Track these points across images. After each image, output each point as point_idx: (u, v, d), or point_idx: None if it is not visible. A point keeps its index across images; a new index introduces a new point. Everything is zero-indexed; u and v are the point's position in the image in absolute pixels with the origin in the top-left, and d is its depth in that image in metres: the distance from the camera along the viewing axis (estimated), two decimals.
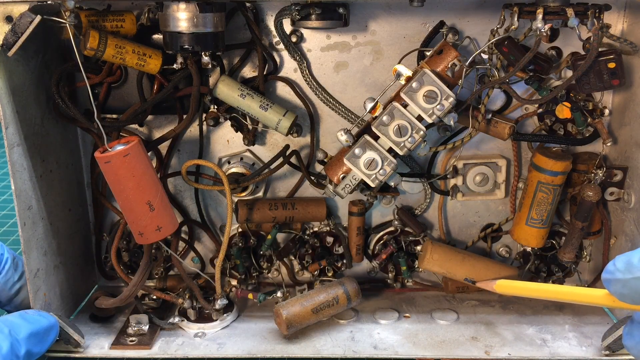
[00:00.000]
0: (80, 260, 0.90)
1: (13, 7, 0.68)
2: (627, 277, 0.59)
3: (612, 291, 0.61)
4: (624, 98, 0.83)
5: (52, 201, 0.81)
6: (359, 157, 0.75)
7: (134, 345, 0.80)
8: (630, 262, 0.59)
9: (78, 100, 0.86)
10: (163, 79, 0.81)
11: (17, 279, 0.79)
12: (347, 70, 0.86)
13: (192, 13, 0.73)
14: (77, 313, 0.88)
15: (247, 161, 0.90)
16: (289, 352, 0.79)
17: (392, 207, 0.92)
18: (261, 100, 0.83)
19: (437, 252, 0.87)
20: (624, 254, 0.60)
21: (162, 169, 0.89)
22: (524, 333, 0.83)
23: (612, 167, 0.84)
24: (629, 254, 0.60)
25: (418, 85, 0.74)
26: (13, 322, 0.69)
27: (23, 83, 0.75)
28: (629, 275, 0.59)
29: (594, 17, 0.73)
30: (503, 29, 0.77)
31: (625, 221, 0.85)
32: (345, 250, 0.92)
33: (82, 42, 0.75)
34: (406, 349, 0.79)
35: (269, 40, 0.85)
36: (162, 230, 0.76)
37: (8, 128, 0.71)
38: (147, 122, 0.88)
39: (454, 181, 0.90)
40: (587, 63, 0.74)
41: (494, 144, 0.90)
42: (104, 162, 0.71)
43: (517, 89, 0.82)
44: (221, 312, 0.85)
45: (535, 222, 0.85)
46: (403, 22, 0.84)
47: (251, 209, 0.88)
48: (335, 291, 0.83)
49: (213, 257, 0.94)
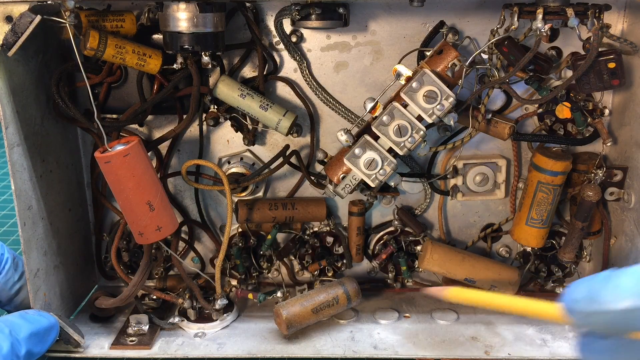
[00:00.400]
0: (80, 260, 0.90)
1: (13, 7, 0.68)
2: (589, 308, 0.53)
3: (572, 321, 0.55)
4: (624, 98, 0.83)
5: (52, 201, 0.81)
6: (359, 157, 0.75)
7: (134, 345, 0.80)
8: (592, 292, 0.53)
9: (78, 100, 0.86)
10: (163, 79, 0.81)
11: (17, 278, 0.79)
12: (347, 70, 0.86)
13: (192, 13, 0.73)
14: (77, 313, 0.88)
15: (247, 161, 0.90)
16: (289, 352, 0.79)
17: (392, 207, 0.92)
18: (261, 100, 0.83)
19: (437, 252, 0.87)
20: (585, 281, 0.54)
21: (162, 169, 0.89)
22: (524, 333, 0.83)
23: (612, 167, 0.85)
24: (590, 281, 0.54)
25: (418, 85, 0.74)
26: (13, 322, 0.69)
27: (23, 83, 0.75)
28: (591, 308, 0.53)
29: (594, 17, 0.73)
30: (503, 29, 0.77)
31: (625, 221, 0.85)
32: (345, 250, 0.92)
33: (82, 42, 0.75)
34: (406, 349, 0.79)
35: (269, 40, 0.85)
36: (162, 230, 0.76)
37: (8, 128, 0.71)
38: (147, 122, 0.88)
39: (454, 181, 0.90)
40: (587, 63, 0.74)
41: (494, 144, 0.90)
42: (104, 162, 0.71)
43: (517, 89, 0.82)
44: (221, 312, 0.85)
45: (535, 222, 0.85)
46: (403, 22, 0.84)
47: (251, 209, 0.88)
48: (335, 291, 0.83)
49: (213, 257, 0.94)
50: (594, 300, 0.53)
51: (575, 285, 0.55)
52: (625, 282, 0.52)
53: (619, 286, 0.52)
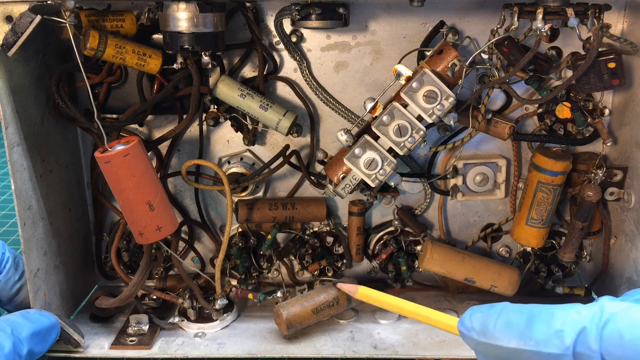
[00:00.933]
0: (80, 260, 0.90)
1: (13, 7, 0.68)
2: (481, 340, 0.55)
3: (467, 343, 0.58)
4: (624, 98, 0.83)
5: (52, 201, 0.81)
6: (359, 157, 0.75)
7: (134, 345, 0.80)
8: (486, 325, 0.55)
9: (78, 100, 0.86)
10: (163, 79, 0.81)
11: (18, 278, 0.79)
12: (347, 70, 0.86)
13: (192, 13, 0.73)
14: (77, 313, 0.88)
15: (247, 161, 0.90)
16: (289, 352, 0.79)
17: (392, 207, 0.92)
18: (261, 100, 0.83)
19: (437, 252, 0.87)
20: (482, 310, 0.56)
21: (162, 169, 0.89)
22: None
23: (612, 167, 0.84)
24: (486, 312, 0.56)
25: (418, 85, 0.74)
26: (15, 322, 0.69)
27: (23, 83, 0.75)
28: (483, 339, 0.55)
29: (594, 17, 0.73)
30: (503, 29, 0.77)
31: (625, 221, 0.85)
32: (345, 250, 0.92)
33: (82, 42, 0.75)
34: (406, 349, 0.79)
35: (269, 40, 0.85)
36: (162, 230, 0.76)
37: (8, 128, 0.71)
38: (147, 122, 0.88)
39: (454, 181, 0.90)
40: (587, 63, 0.74)
41: (494, 144, 0.90)
42: (104, 162, 0.71)
43: (517, 89, 0.82)
44: (221, 312, 0.85)
45: (535, 222, 0.85)
46: (403, 22, 0.84)
47: (251, 209, 0.88)
48: (335, 291, 0.83)
49: (213, 257, 0.94)
50: (485, 333, 0.55)
51: (471, 312, 0.57)
52: (517, 320, 0.54)
53: (510, 324, 0.54)
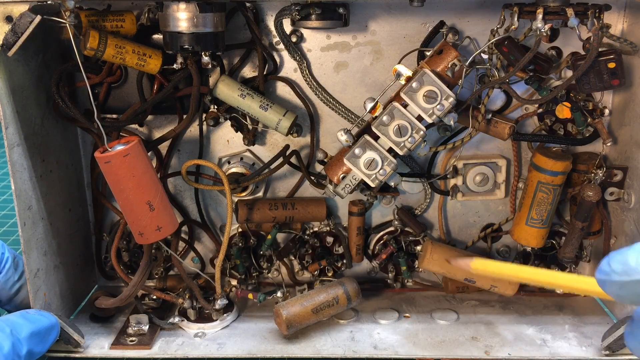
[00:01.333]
0: (80, 260, 0.90)
1: (13, 7, 0.68)
2: (624, 279, 0.53)
3: (607, 292, 0.56)
4: (624, 98, 0.83)
5: (52, 201, 0.81)
6: (359, 157, 0.75)
7: (134, 345, 0.80)
8: (626, 263, 0.53)
9: (78, 100, 0.86)
10: (163, 79, 0.81)
11: (18, 278, 0.79)
12: (347, 70, 0.86)
13: (192, 13, 0.73)
14: (77, 313, 0.88)
15: (247, 161, 0.90)
16: (289, 352, 0.79)
17: (392, 207, 0.92)
18: (261, 100, 0.83)
19: (437, 252, 0.87)
20: (619, 253, 0.55)
21: (162, 169, 0.89)
22: (524, 333, 0.83)
23: (612, 167, 0.84)
24: (624, 253, 0.54)
25: (418, 85, 0.74)
26: (14, 322, 0.69)
27: (23, 83, 0.75)
28: (626, 278, 0.53)
29: (594, 17, 0.73)
30: (503, 29, 0.77)
31: (625, 221, 0.85)
32: (345, 250, 0.92)
33: (82, 42, 0.75)
34: (406, 349, 0.79)
35: (269, 40, 0.85)
36: (162, 230, 0.76)
37: (8, 128, 0.71)
38: (147, 122, 0.88)
39: (454, 181, 0.90)
40: (587, 63, 0.74)
41: (494, 144, 0.90)
42: (104, 162, 0.71)
43: (517, 89, 0.82)
44: (221, 312, 0.85)
45: (535, 222, 0.85)
46: (403, 22, 0.84)
47: (251, 209, 0.88)
48: (335, 291, 0.83)
49: (213, 257, 0.94)
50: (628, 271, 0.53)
51: (607, 259, 0.55)
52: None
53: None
